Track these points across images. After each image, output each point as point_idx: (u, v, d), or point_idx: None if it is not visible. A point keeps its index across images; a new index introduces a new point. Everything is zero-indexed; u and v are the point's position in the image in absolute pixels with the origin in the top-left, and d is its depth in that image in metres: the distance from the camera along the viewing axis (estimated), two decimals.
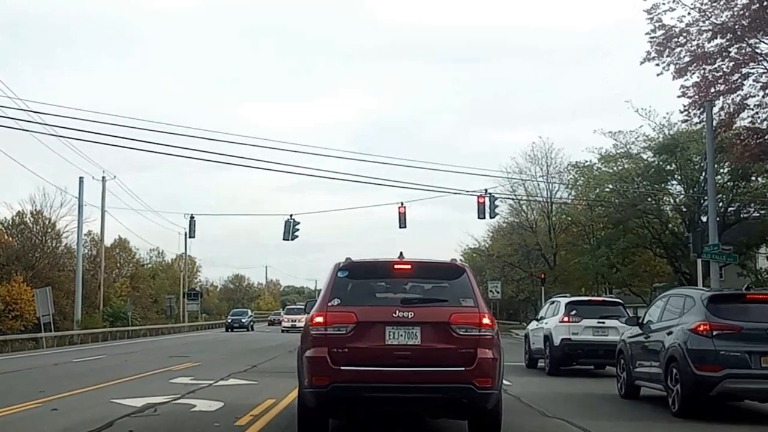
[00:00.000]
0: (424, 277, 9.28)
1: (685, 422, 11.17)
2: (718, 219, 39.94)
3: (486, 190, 33.28)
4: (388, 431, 10.13)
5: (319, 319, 8.55)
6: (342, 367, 8.31)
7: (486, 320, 8.52)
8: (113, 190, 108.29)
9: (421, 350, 8.39)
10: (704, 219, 46.51)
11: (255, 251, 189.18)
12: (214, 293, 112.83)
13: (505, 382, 12.19)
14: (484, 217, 32.92)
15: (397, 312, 8.47)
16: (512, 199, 56.80)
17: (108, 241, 67.05)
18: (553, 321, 19.96)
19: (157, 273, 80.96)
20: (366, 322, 8.44)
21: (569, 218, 55.54)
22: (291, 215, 38.53)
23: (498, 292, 57.60)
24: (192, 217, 45.94)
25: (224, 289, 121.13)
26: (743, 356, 11.02)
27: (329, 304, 8.65)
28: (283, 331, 56.57)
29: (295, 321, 55.73)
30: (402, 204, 34.89)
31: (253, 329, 64.18)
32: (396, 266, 9.15)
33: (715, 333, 11.22)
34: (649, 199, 46.77)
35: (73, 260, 49.50)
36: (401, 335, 8.43)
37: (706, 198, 46.00)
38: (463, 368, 8.31)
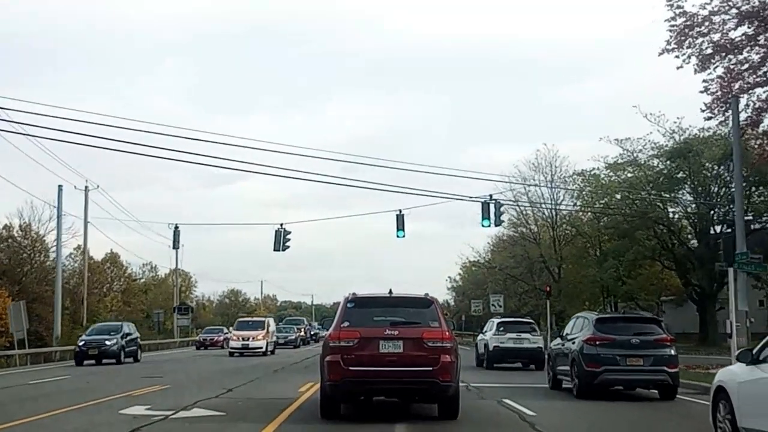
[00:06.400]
0: (405, 306, 12.99)
1: (582, 401, 16.35)
2: (730, 229, 37.70)
3: (491, 195, 30.82)
4: (385, 412, 13.43)
5: (335, 336, 12.36)
6: (350, 368, 12.06)
7: (446, 335, 12.33)
8: (106, 206, 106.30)
9: (403, 356, 12.11)
10: (716, 229, 44.44)
11: (252, 266, 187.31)
12: (209, 308, 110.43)
13: (528, 412, 13.97)
14: (489, 225, 30.49)
15: (387, 331, 12.27)
16: (516, 207, 54.17)
17: (99, 256, 64.84)
18: (489, 333, 29.44)
19: (149, 288, 78.63)
20: (366, 337, 12.21)
21: (574, 229, 53.23)
22: (281, 224, 36.20)
23: (500, 306, 55.10)
24: (176, 227, 43.67)
25: (220, 305, 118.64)
26: (615, 357, 16.51)
27: (342, 325, 12.42)
28: (231, 354, 39.03)
29: (248, 340, 39.57)
30: (400, 210, 32.66)
31: (138, 359, 34.78)
32: (386, 299, 13.05)
33: (598, 343, 16.74)
34: (659, 207, 44.62)
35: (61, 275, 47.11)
36: (390, 346, 12.18)
37: (718, 207, 44.02)
38: (431, 368, 12.01)
